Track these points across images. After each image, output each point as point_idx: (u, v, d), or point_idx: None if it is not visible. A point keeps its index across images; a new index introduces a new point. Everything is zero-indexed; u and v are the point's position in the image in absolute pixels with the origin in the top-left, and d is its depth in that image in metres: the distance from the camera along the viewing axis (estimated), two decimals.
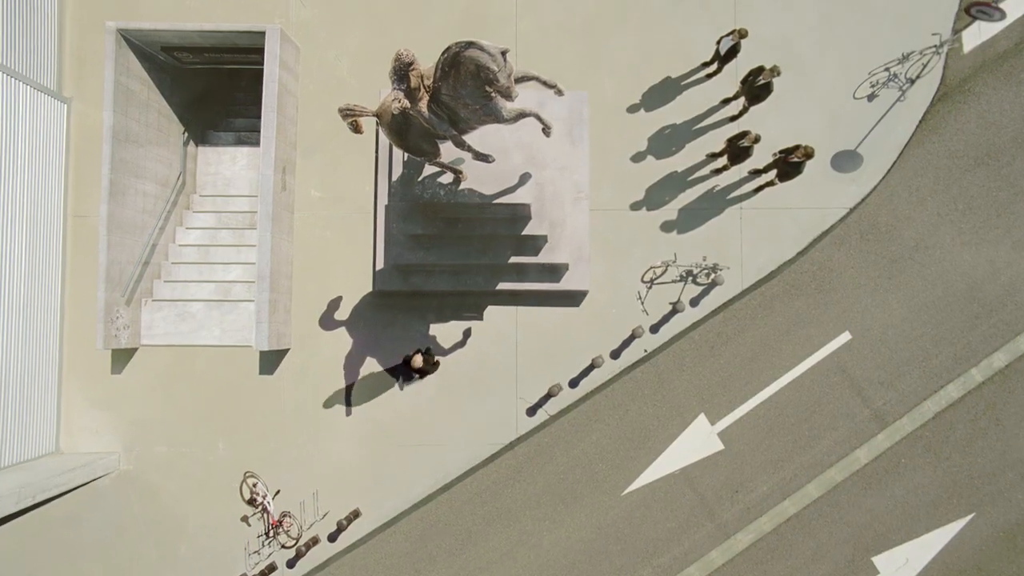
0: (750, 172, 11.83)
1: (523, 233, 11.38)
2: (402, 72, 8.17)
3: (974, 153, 11.87)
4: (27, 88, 10.76)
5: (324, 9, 11.72)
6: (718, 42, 11.20)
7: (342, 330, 11.63)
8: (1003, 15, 11.08)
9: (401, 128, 9.10)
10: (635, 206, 11.82)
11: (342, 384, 11.59)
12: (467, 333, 11.70)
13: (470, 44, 7.71)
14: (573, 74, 11.85)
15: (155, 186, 11.37)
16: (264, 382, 11.55)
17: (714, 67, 11.84)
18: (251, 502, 11.04)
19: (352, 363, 11.61)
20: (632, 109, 11.87)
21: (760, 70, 10.72)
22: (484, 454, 11.50)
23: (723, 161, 11.80)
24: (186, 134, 11.68)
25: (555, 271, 11.68)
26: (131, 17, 11.48)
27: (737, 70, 11.77)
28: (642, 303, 11.72)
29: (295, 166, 11.59)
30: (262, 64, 11.21)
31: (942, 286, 11.74)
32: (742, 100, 11.71)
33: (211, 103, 11.95)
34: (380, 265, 11.62)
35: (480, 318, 11.73)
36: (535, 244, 11.51)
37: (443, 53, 7.96)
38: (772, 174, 11.57)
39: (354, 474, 11.50)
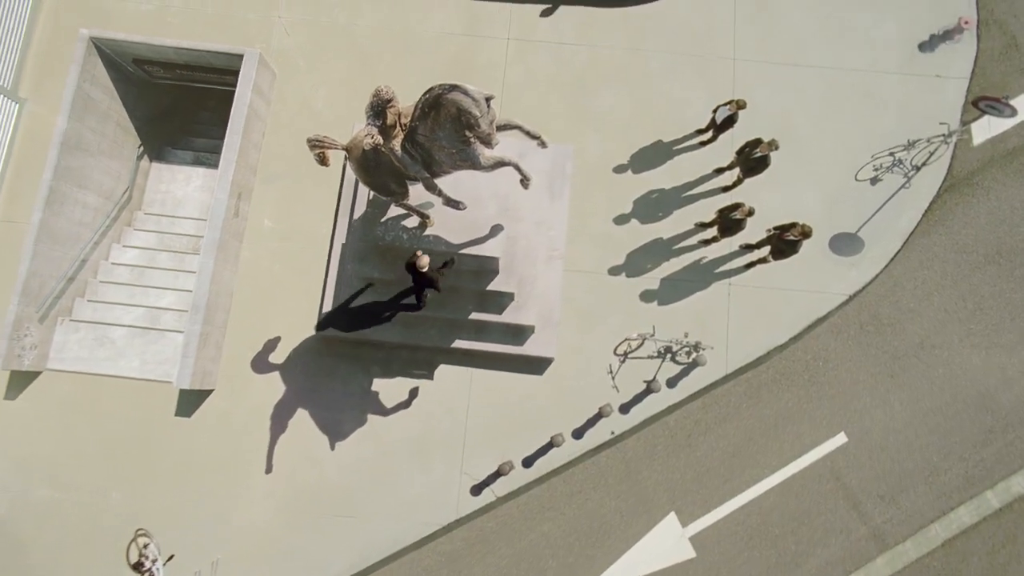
0: (741, 247, 10.92)
1: (488, 288, 10.35)
2: (379, 108, 7.71)
3: (984, 250, 10.94)
4: None
5: (308, 39, 11.33)
6: (715, 110, 10.64)
7: (275, 375, 10.37)
8: (1013, 112, 10.51)
9: (370, 165, 8.50)
10: (614, 271, 10.83)
11: (267, 436, 10.18)
12: (413, 393, 10.41)
13: (454, 87, 7.28)
14: (559, 128, 11.23)
15: (98, 198, 10.54)
16: (178, 425, 10.18)
17: (709, 135, 11.22)
18: (137, 566, 9.37)
19: (282, 413, 10.26)
20: (619, 169, 11.14)
21: (757, 142, 10.06)
22: (416, 535, 9.88)
23: (713, 232, 10.91)
24: (142, 148, 10.99)
25: (519, 333, 10.54)
26: (108, 27, 11.08)
27: (733, 140, 11.13)
28: (613, 378, 10.47)
29: (252, 193, 10.78)
30: (234, 86, 10.71)
31: (950, 391, 10.46)
32: (736, 171, 11.02)
33: (175, 120, 11.34)
34: (328, 307, 10.54)
35: (430, 377, 10.48)
36: (500, 301, 10.45)
37: (425, 93, 7.51)
38: (765, 251, 10.65)
39: (264, 543, 9.86)
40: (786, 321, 10.67)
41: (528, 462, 10.18)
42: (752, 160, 10.18)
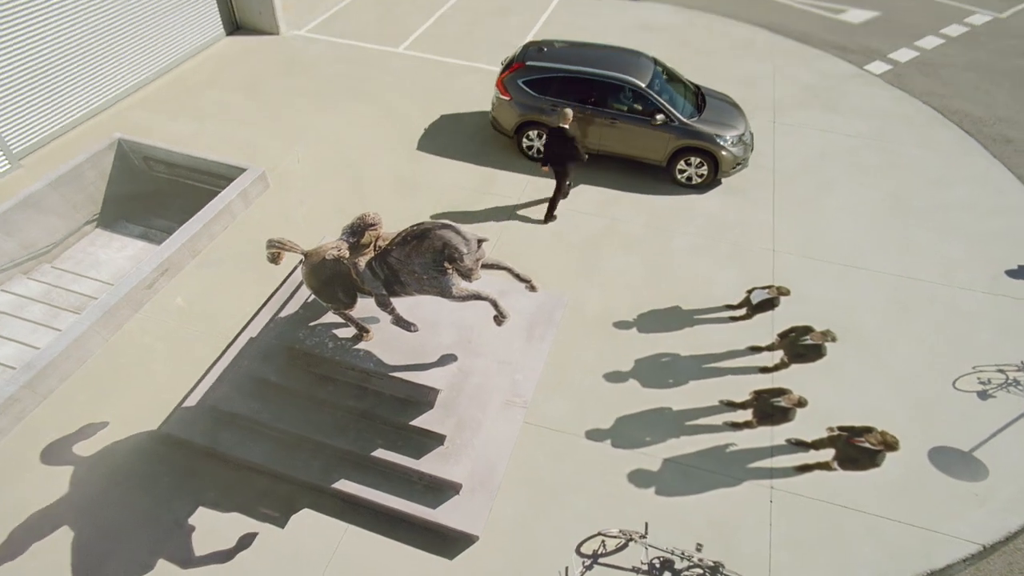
0: (790, 441, 7.45)
1: (412, 423, 7.28)
2: (359, 229, 7.02)
3: None
4: None
5: (315, 169, 11.03)
6: (749, 291, 8.73)
7: (67, 470, 6.94)
8: None
9: (326, 273, 7.35)
10: (595, 435, 7.44)
11: None
12: (246, 540, 6.46)
13: (447, 225, 6.66)
14: (556, 279, 9.34)
15: (17, 246, 9.22)
16: None
17: (742, 312, 8.91)
18: None
19: (39, 526, 6.48)
20: (621, 325, 8.69)
21: (807, 330, 7.77)
22: None
23: (746, 416, 7.67)
24: (97, 216, 10.05)
25: (436, 491, 6.95)
26: (147, 135, 11.42)
27: (773, 321, 8.72)
28: None
29: (180, 271, 9.12)
30: (223, 188, 10.24)
31: None
32: (781, 354, 8.32)
33: (146, 201, 10.60)
34: (193, 402, 7.61)
35: (281, 524, 6.62)
36: (422, 443, 7.24)
37: (414, 225, 6.80)
38: (829, 454, 7.16)
39: None
40: (873, 565, 6.37)
41: None
42: (801, 347, 7.67)
